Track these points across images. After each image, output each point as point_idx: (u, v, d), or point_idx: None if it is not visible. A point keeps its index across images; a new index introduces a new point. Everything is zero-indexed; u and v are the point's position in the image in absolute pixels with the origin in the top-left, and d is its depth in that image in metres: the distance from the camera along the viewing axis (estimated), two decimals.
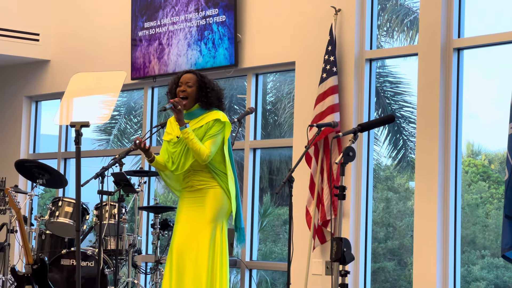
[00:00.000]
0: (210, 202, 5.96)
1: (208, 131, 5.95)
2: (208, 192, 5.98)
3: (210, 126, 5.96)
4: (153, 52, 9.42)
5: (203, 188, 6.00)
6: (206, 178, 6.00)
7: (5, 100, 11.39)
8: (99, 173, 6.58)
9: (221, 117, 6.01)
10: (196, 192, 6.01)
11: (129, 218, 8.16)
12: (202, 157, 5.88)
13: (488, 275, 9.46)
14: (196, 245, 5.89)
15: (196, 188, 6.01)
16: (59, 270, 7.87)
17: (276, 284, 11.57)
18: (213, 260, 5.90)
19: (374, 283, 9.37)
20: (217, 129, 5.97)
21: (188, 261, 5.88)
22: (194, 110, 6.02)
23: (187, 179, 6.06)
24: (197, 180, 6.01)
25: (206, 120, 5.98)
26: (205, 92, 6.01)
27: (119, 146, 13.22)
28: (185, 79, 6.03)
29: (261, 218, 11.78)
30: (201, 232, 5.90)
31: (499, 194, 9.81)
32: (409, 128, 10.80)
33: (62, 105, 9.83)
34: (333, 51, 7.66)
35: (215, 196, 5.97)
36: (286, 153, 9.95)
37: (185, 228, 5.97)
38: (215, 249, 5.91)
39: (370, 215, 7.70)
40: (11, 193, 7.20)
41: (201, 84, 6.02)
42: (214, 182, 6.00)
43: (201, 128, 5.97)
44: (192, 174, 6.03)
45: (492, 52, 7.50)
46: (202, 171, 6.00)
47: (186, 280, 5.85)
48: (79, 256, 5.60)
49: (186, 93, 5.99)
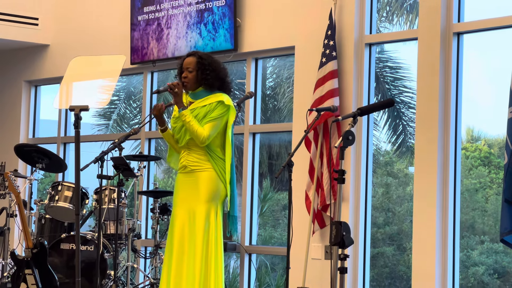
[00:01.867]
0: (204, 184, 5.96)
1: (209, 113, 5.95)
2: (201, 174, 5.97)
3: (212, 107, 5.97)
4: (151, 34, 9.39)
5: (196, 170, 5.98)
6: (200, 159, 5.99)
7: (4, 84, 11.38)
8: (98, 157, 6.59)
9: (225, 100, 6.00)
10: (189, 174, 6.00)
11: (129, 203, 8.17)
12: (199, 139, 5.90)
13: (487, 260, 9.48)
14: (193, 227, 5.89)
15: (190, 169, 6.00)
16: (58, 254, 7.88)
17: (275, 269, 11.60)
18: (207, 244, 5.89)
19: (373, 268, 9.40)
20: (219, 112, 5.97)
21: (186, 244, 5.88)
22: (198, 91, 6.07)
23: (182, 159, 6.07)
24: (191, 160, 6.00)
25: (209, 101, 5.99)
26: (205, 74, 6.03)
27: (118, 131, 13.22)
28: (186, 64, 6.08)
29: (260, 203, 11.79)
30: (196, 213, 5.90)
31: (499, 179, 9.82)
32: (408, 113, 10.80)
33: (61, 89, 9.82)
34: (333, 35, 7.65)
35: (209, 178, 5.97)
36: (286, 138, 9.96)
37: (182, 211, 5.97)
38: (209, 232, 5.90)
39: (370, 199, 7.70)
40: (10, 177, 7.20)
41: (201, 66, 6.04)
42: (208, 164, 5.99)
43: (203, 107, 5.98)
44: (187, 153, 6.03)
45: (492, 36, 7.49)
46: (198, 151, 6.00)
47: (183, 263, 5.86)
48: (78, 240, 5.61)
49: (186, 79, 6.04)
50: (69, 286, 7.68)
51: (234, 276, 11.44)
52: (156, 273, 8.06)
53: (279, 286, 11.33)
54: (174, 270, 5.89)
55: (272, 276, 11.65)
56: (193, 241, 5.87)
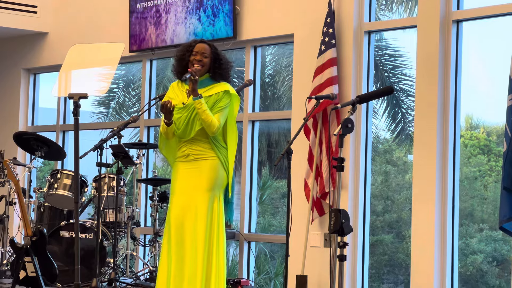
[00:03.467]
0: (207, 172, 5.93)
1: (218, 103, 5.92)
2: (204, 162, 5.94)
3: (220, 97, 5.93)
4: (150, 20, 9.36)
5: (200, 158, 5.95)
6: (204, 148, 5.96)
7: (3, 72, 11.37)
8: (97, 145, 6.58)
9: (230, 90, 5.98)
10: (192, 162, 5.97)
11: (128, 191, 8.17)
12: (212, 129, 5.85)
13: (486, 248, 9.50)
14: (194, 215, 5.87)
15: (193, 157, 5.97)
16: (58, 242, 7.89)
17: (274, 257, 11.62)
18: (210, 231, 5.89)
19: (372, 256, 9.41)
20: (226, 102, 5.94)
21: (187, 232, 5.87)
22: (203, 79, 5.99)
23: (183, 148, 6.00)
24: (195, 150, 5.96)
25: (216, 91, 5.95)
26: (219, 64, 5.98)
27: (117, 119, 13.22)
28: (201, 49, 5.98)
29: (259, 191, 11.80)
30: (198, 201, 5.88)
31: (498, 167, 9.83)
32: (408, 102, 10.80)
33: (60, 77, 9.81)
34: (332, 23, 7.64)
35: (212, 167, 5.94)
36: (285, 126, 9.96)
37: (182, 199, 5.94)
38: (212, 220, 5.89)
39: (369, 187, 7.71)
40: (9, 165, 7.19)
41: (215, 56, 6.00)
42: (211, 152, 5.96)
43: (210, 97, 5.93)
44: (190, 143, 5.98)
45: (491, 24, 7.48)
46: (202, 140, 5.96)
47: (185, 251, 5.85)
48: (77, 228, 5.61)
49: (202, 62, 5.95)
50: (68, 274, 7.69)
51: (233, 264, 11.46)
52: (155, 261, 8.07)
53: (278, 274, 11.35)
54: (175, 258, 5.86)
55: (271, 264, 11.68)
56: (196, 229, 5.84)
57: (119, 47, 9.33)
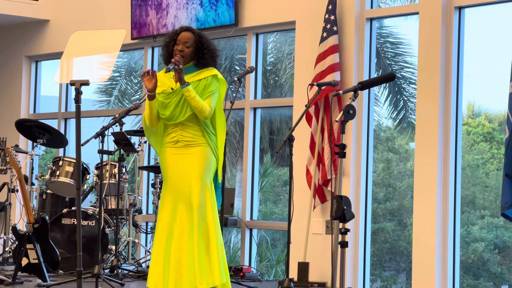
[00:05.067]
0: (198, 160, 5.91)
1: (207, 87, 5.92)
2: (196, 149, 5.93)
3: (209, 82, 5.94)
4: (151, 3, 9.34)
5: (191, 144, 5.94)
6: (195, 134, 5.94)
7: (4, 60, 11.37)
8: (99, 132, 6.59)
9: (218, 74, 6.01)
10: (182, 149, 5.94)
11: (130, 178, 8.17)
12: (204, 114, 5.85)
13: (487, 235, 9.50)
14: (188, 202, 5.82)
15: (183, 144, 5.95)
16: (60, 229, 7.90)
17: (276, 245, 11.63)
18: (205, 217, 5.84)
19: (374, 244, 9.42)
20: (215, 86, 5.95)
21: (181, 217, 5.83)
22: (188, 66, 5.99)
23: (173, 134, 5.97)
24: (185, 136, 5.94)
25: (204, 75, 5.95)
26: (202, 53, 5.98)
27: (119, 107, 13.20)
28: (184, 38, 5.99)
29: (261, 178, 11.80)
30: (192, 187, 5.84)
31: (500, 155, 9.82)
32: (409, 89, 10.78)
33: (62, 64, 9.81)
34: (334, 10, 7.63)
35: (203, 154, 5.92)
36: (287, 113, 9.95)
37: (175, 186, 5.92)
38: (206, 206, 5.85)
39: (371, 175, 7.71)
40: (11, 153, 7.19)
41: (199, 44, 5.99)
42: (202, 139, 5.95)
43: (199, 81, 5.94)
44: (180, 129, 5.96)
45: (493, 10, 7.46)
46: (193, 127, 5.94)
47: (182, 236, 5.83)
48: (79, 215, 5.61)
49: (183, 53, 5.94)
50: (70, 260, 7.71)
51: (235, 251, 11.48)
52: None
53: (280, 261, 11.36)
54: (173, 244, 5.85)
55: (273, 251, 11.69)
56: (191, 215, 5.84)
57: (121, 33, 9.32)
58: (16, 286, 6.83)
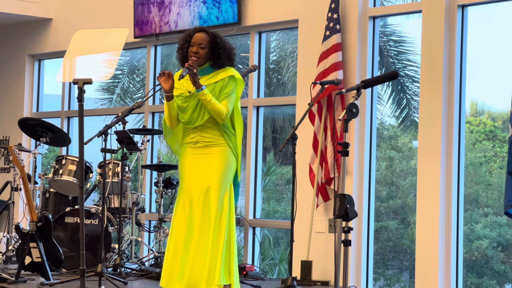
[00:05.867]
0: (218, 160, 5.91)
1: (224, 89, 5.89)
2: (215, 150, 5.93)
3: (225, 83, 5.91)
4: (153, 1, 9.33)
5: (210, 145, 5.94)
6: (214, 135, 5.95)
7: (8, 58, 11.37)
8: (102, 131, 6.58)
9: (235, 74, 5.96)
10: (201, 148, 5.95)
11: (133, 177, 8.17)
12: (221, 116, 5.84)
13: (490, 233, 9.49)
14: (206, 203, 5.83)
15: (202, 144, 5.96)
16: (63, 228, 7.91)
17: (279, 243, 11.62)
18: (220, 219, 5.85)
19: (377, 242, 9.41)
20: (232, 87, 5.91)
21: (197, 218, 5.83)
22: (205, 67, 5.97)
23: (193, 135, 5.98)
24: (205, 137, 5.94)
25: (221, 77, 5.92)
26: (217, 53, 5.93)
27: (122, 105, 13.21)
28: (198, 40, 5.94)
29: (264, 177, 11.80)
30: (210, 189, 5.84)
31: (503, 153, 9.81)
32: (413, 87, 10.77)
33: (65, 62, 9.81)
34: (337, 8, 7.62)
35: (223, 154, 5.92)
36: (290, 111, 9.95)
37: (192, 185, 5.91)
38: (223, 208, 5.84)
39: (374, 173, 7.70)
40: (14, 151, 7.19)
41: (213, 44, 5.94)
42: (222, 140, 5.95)
43: (216, 83, 5.91)
44: (199, 130, 5.96)
45: (497, 9, 7.45)
46: (212, 128, 5.94)
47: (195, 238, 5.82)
48: (82, 214, 5.61)
49: (198, 54, 5.90)
50: (73, 259, 7.72)
51: (238, 250, 11.47)
52: (160, 246, 8.08)
53: (283, 260, 11.36)
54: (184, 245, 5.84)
55: (276, 250, 11.69)
56: (207, 217, 5.82)
57: (123, 32, 9.31)
58: (19, 284, 6.84)
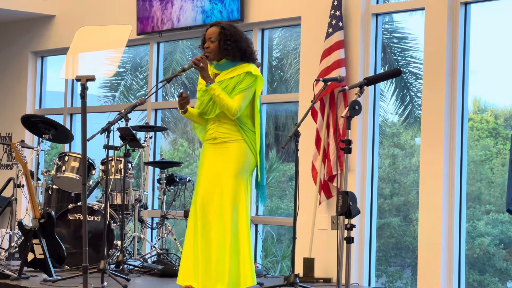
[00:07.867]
0: (234, 156, 5.91)
1: (238, 84, 5.90)
2: (232, 145, 5.93)
3: (241, 79, 5.91)
4: None
5: (227, 141, 5.95)
6: (231, 130, 5.96)
7: (10, 55, 11.38)
8: (105, 128, 6.58)
9: (253, 70, 5.95)
10: (219, 145, 5.96)
11: (135, 174, 8.18)
12: (231, 111, 5.85)
13: (493, 231, 9.48)
14: (220, 199, 5.84)
15: (220, 140, 5.97)
16: (65, 225, 7.92)
17: (281, 240, 11.62)
18: (236, 216, 5.85)
19: (380, 239, 9.41)
20: (248, 83, 5.92)
21: (213, 215, 5.84)
22: (223, 63, 5.99)
23: (211, 131, 6.01)
24: (222, 132, 5.96)
25: (237, 72, 5.94)
26: (226, 45, 5.95)
27: (125, 102, 13.20)
28: (208, 34, 6.00)
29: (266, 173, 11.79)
30: (224, 185, 5.85)
31: (506, 151, 9.80)
32: (416, 84, 10.75)
33: (68, 59, 9.81)
34: (339, 5, 7.62)
35: (239, 150, 5.92)
36: (292, 109, 9.94)
37: (208, 182, 5.92)
38: (239, 206, 5.84)
39: (376, 170, 7.71)
40: (17, 148, 7.20)
41: (223, 36, 5.95)
42: (238, 135, 5.95)
43: (231, 79, 5.92)
44: (217, 125, 5.99)
45: (499, 6, 7.44)
46: (228, 123, 5.96)
47: (212, 235, 5.83)
48: (85, 211, 5.62)
49: (209, 49, 5.97)
50: (76, 256, 7.72)
51: None
52: (163, 243, 8.09)
53: (286, 257, 11.36)
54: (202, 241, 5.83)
55: (278, 247, 11.69)
56: (222, 213, 5.81)
57: (126, 29, 9.31)
58: (22, 281, 6.85)
